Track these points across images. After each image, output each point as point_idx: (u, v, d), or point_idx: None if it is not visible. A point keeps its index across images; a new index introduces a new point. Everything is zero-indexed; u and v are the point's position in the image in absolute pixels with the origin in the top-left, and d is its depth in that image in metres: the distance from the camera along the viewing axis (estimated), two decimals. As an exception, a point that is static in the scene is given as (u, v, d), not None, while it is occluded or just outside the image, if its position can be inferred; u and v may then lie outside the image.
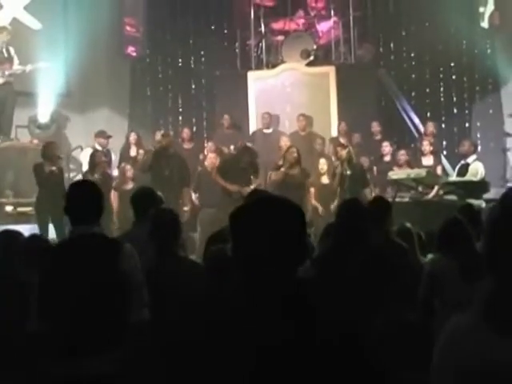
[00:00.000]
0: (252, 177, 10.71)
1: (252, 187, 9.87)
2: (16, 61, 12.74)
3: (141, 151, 12.51)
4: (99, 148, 12.23)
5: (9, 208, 11.74)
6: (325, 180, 11.33)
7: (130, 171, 11.68)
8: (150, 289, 3.86)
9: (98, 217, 3.86)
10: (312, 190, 11.16)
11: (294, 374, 1.81)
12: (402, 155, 11.67)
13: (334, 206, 10.35)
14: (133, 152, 12.75)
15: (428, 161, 11.86)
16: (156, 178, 10.59)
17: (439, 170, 11.69)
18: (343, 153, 10.74)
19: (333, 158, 11.74)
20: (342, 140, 12.08)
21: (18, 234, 5.13)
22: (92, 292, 3.61)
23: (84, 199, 3.83)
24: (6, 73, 12.55)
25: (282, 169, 10.58)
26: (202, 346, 1.90)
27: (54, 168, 10.23)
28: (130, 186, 11.41)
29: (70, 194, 3.94)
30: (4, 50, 12.76)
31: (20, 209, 11.50)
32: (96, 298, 3.61)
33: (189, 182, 11.21)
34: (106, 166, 11.28)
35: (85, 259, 3.68)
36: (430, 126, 12.77)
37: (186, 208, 11.03)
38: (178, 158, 11.27)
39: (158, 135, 12.41)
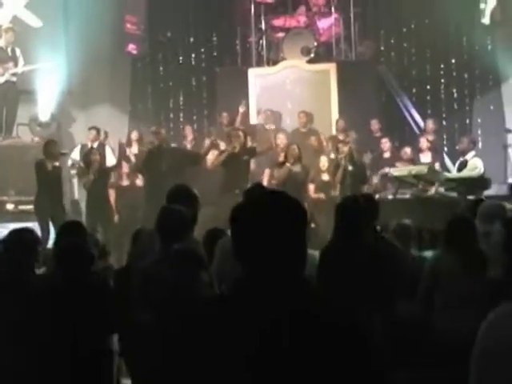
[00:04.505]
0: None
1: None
2: (21, 62, 12.76)
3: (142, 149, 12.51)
4: (89, 144, 12.14)
5: (10, 206, 11.77)
6: (325, 177, 11.35)
7: (125, 168, 11.84)
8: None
9: None
10: (312, 186, 11.19)
11: (294, 366, 1.81)
12: (406, 153, 11.73)
13: (334, 199, 10.38)
14: (134, 150, 12.73)
15: (426, 158, 11.87)
16: (152, 176, 10.57)
17: (437, 167, 11.67)
18: (345, 149, 10.77)
19: (333, 155, 11.75)
20: (341, 137, 12.10)
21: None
22: None
23: None
24: (10, 72, 12.58)
25: (288, 164, 10.61)
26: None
27: (56, 164, 10.26)
28: (125, 182, 11.75)
29: None
30: (9, 50, 12.79)
31: (21, 207, 11.51)
32: None
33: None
34: (99, 163, 10.92)
35: None
36: (431, 123, 12.78)
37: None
38: (174, 151, 11.17)
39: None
